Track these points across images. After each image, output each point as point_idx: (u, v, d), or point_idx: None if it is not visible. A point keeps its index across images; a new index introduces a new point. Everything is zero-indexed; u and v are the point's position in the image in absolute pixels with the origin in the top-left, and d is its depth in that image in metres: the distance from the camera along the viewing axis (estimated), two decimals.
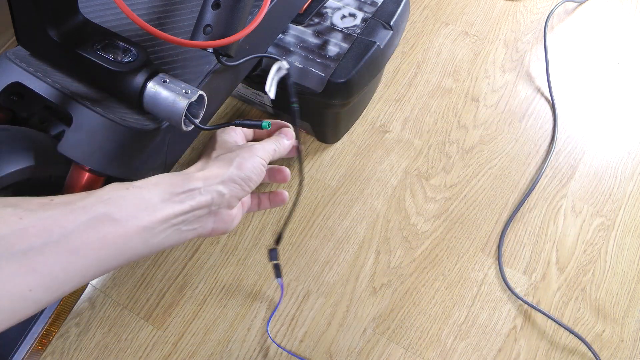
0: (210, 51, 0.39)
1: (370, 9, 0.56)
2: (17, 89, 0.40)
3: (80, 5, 0.39)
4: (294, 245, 0.61)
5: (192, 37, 0.37)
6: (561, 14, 0.78)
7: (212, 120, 0.55)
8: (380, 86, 0.71)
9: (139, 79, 0.38)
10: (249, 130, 0.46)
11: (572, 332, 0.55)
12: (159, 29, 0.36)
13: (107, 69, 0.37)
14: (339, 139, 0.67)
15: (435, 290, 0.58)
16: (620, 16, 0.78)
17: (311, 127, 0.64)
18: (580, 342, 0.55)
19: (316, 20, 0.55)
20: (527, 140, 0.68)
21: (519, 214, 0.62)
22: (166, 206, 0.33)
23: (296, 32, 0.54)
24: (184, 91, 0.37)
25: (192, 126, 0.39)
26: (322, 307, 0.57)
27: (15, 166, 0.36)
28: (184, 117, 0.37)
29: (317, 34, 0.54)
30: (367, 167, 0.65)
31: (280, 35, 0.54)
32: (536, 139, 0.68)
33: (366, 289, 0.58)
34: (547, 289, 0.58)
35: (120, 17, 0.43)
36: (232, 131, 0.44)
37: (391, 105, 0.70)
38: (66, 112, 0.38)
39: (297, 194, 0.49)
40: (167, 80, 0.38)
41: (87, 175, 0.40)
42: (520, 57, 0.74)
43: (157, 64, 0.41)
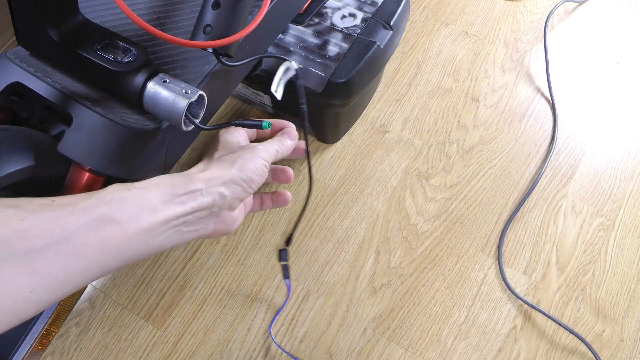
0: (210, 51, 0.39)
1: (370, 9, 0.56)
2: (17, 89, 0.40)
3: (80, 5, 0.39)
4: (294, 245, 0.61)
5: (192, 37, 0.37)
6: (561, 14, 0.78)
7: (212, 120, 0.55)
8: (380, 86, 0.71)
9: (139, 79, 0.38)
10: (252, 130, 0.46)
11: (572, 332, 0.55)
12: (159, 29, 0.36)
13: (107, 69, 0.37)
14: (339, 139, 0.67)
15: (435, 290, 0.58)
16: (620, 16, 0.78)
17: (311, 127, 0.64)
18: (580, 342, 0.55)
19: (316, 20, 0.55)
20: (527, 140, 0.68)
21: (519, 214, 0.62)
22: (167, 207, 0.33)
23: (296, 32, 0.54)
24: (184, 91, 0.37)
25: (192, 126, 0.39)
26: (322, 307, 0.57)
27: (15, 166, 0.36)
28: (184, 117, 0.37)
29: (317, 34, 0.54)
30: (367, 167, 0.65)
31: (280, 35, 0.54)
32: (536, 139, 0.68)
33: (366, 289, 0.58)
34: (547, 289, 0.58)
35: (120, 17, 0.43)
36: (235, 132, 0.44)
37: (391, 105, 0.70)
38: (66, 112, 0.38)
39: (307, 196, 0.49)
40: (167, 80, 0.38)
41: (87, 175, 0.40)
42: (520, 57, 0.74)
43: (157, 64, 0.41)
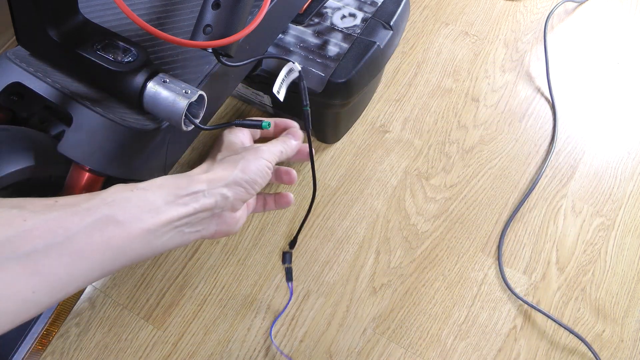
0: (210, 51, 0.39)
1: (370, 9, 0.56)
2: (17, 89, 0.40)
3: (80, 5, 0.39)
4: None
5: (192, 37, 0.37)
6: (561, 14, 0.78)
7: (212, 120, 0.55)
8: (380, 86, 0.71)
9: (139, 79, 0.38)
10: (256, 130, 0.46)
11: (572, 332, 0.55)
12: (159, 29, 0.36)
13: (107, 69, 0.37)
14: (339, 139, 0.67)
15: (435, 290, 0.58)
16: (620, 16, 0.78)
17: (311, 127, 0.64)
18: (580, 342, 0.55)
19: (316, 20, 0.55)
20: (527, 140, 0.68)
21: (519, 214, 0.62)
22: (170, 208, 0.33)
23: (296, 32, 0.54)
24: (184, 91, 0.37)
25: (192, 126, 0.39)
26: (322, 307, 0.57)
27: (15, 166, 0.36)
28: (184, 117, 0.37)
29: (317, 34, 0.54)
30: (367, 167, 0.65)
31: (280, 35, 0.54)
32: (536, 139, 0.68)
33: (366, 289, 0.58)
34: (547, 289, 0.58)
35: (120, 17, 0.43)
36: (238, 132, 0.44)
37: (391, 105, 0.70)
38: (66, 112, 0.38)
39: (311, 200, 0.49)
40: (167, 80, 0.38)
41: (87, 175, 0.40)
42: (520, 57, 0.74)
43: (157, 64, 0.41)
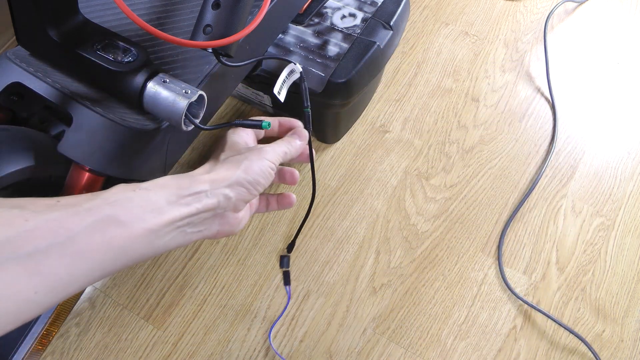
0: (210, 51, 0.39)
1: (370, 9, 0.56)
2: (17, 89, 0.40)
3: (80, 5, 0.39)
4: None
5: (192, 37, 0.37)
6: (561, 14, 0.78)
7: (212, 120, 0.55)
8: (380, 86, 0.71)
9: (139, 79, 0.38)
10: (260, 130, 0.46)
11: (572, 332, 0.55)
12: (159, 29, 0.36)
13: (107, 69, 0.37)
14: (339, 139, 0.67)
15: (435, 290, 0.58)
16: (620, 16, 0.78)
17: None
18: (580, 342, 0.55)
19: (316, 20, 0.55)
20: (527, 140, 0.68)
21: (519, 214, 0.62)
22: (172, 209, 0.33)
23: (296, 32, 0.54)
24: (184, 91, 0.37)
25: (192, 126, 0.39)
26: (322, 307, 0.57)
27: (15, 166, 0.36)
28: (184, 117, 0.37)
29: (317, 34, 0.54)
30: (367, 167, 0.65)
31: (280, 35, 0.54)
32: (536, 139, 0.68)
33: (366, 289, 0.58)
34: (547, 289, 0.58)
35: (120, 17, 0.43)
36: (242, 132, 0.43)
37: (391, 105, 0.70)
38: (66, 112, 0.38)
39: (311, 202, 0.48)
40: (167, 80, 0.38)
41: (87, 175, 0.40)
42: (520, 57, 0.74)
43: (157, 64, 0.41)
